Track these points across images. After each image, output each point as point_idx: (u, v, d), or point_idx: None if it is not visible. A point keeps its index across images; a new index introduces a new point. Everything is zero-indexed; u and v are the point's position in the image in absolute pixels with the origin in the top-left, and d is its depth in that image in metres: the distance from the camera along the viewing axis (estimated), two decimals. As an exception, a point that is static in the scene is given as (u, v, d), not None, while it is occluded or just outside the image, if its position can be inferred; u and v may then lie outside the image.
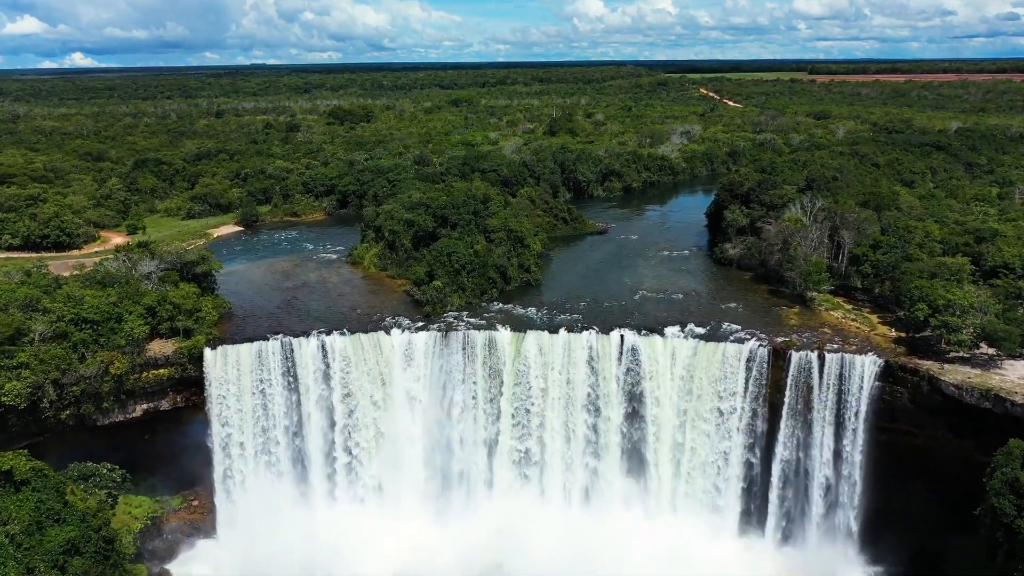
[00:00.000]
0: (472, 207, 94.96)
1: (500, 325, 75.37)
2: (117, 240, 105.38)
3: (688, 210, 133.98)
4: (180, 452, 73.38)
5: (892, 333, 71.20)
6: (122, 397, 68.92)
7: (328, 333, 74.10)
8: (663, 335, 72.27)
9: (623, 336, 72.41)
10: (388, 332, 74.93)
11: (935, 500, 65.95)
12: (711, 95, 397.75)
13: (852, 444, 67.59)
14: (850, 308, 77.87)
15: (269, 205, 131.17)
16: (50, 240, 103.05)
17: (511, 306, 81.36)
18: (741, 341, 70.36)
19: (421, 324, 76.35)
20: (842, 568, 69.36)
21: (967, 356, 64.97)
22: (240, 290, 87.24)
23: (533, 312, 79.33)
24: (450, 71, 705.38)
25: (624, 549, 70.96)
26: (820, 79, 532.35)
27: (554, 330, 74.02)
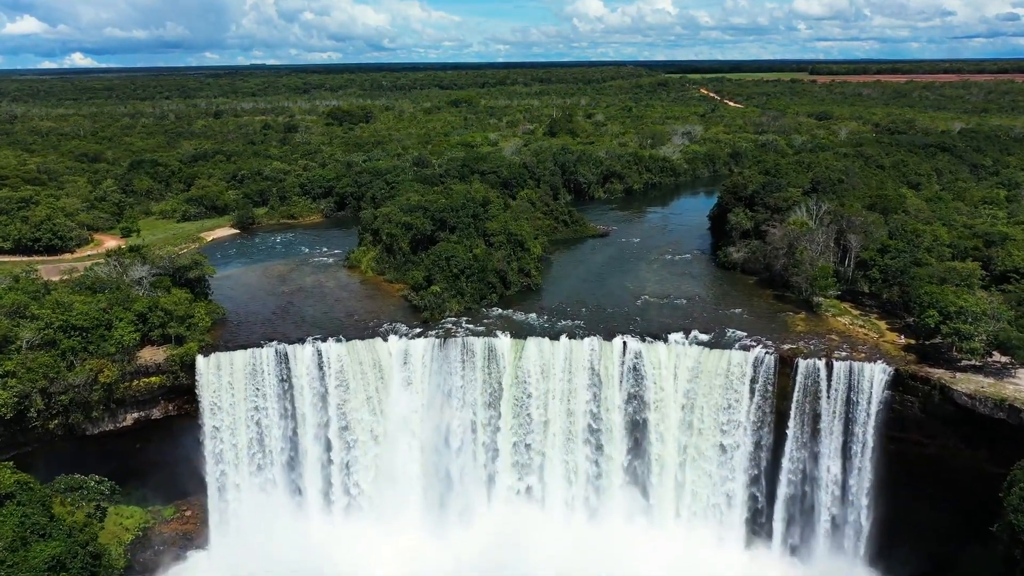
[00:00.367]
0: (471, 210, 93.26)
1: (500, 332, 73.71)
2: (111, 243, 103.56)
3: (690, 212, 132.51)
4: (172, 461, 71.61)
5: (901, 340, 69.52)
6: (112, 406, 67.52)
7: (324, 340, 72.41)
8: (667, 342, 70.65)
9: (626, 343, 70.76)
10: (385, 339, 73.29)
11: (946, 511, 64.61)
12: (712, 95, 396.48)
13: (861, 453, 66.08)
14: (857, 314, 76.19)
15: (266, 207, 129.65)
16: (42, 243, 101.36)
17: (511, 311, 79.66)
18: (747, 348, 68.75)
19: (419, 330, 74.71)
20: (851, 580, 67.81)
21: (979, 364, 63.34)
22: (235, 295, 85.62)
23: (533, 318, 77.66)
24: (450, 71, 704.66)
25: (628, 559, 69.61)
26: (821, 79, 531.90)
27: (555, 337, 72.37)
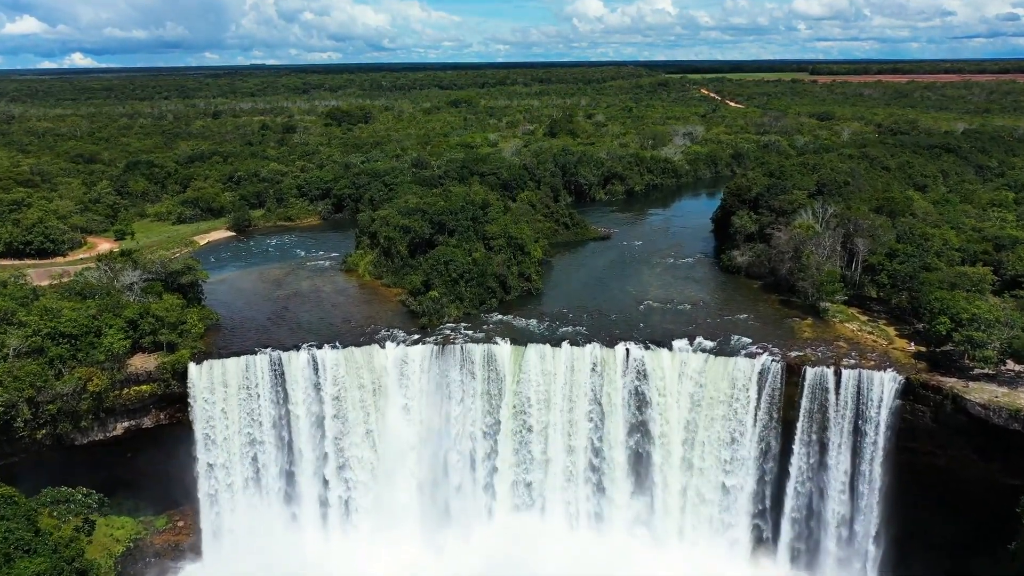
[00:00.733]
0: (471, 213, 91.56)
1: (500, 338, 72.01)
2: (104, 246, 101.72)
3: (692, 214, 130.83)
4: (164, 471, 70.08)
5: (911, 347, 67.82)
6: (102, 415, 65.99)
7: (320, 347, 70.74)
8: (671, 349, 68.96)
9: (628, 350, 69.07)
10: (383, 346, 71.59)
11: (958, 523, 62.92)
12: (712, 96, 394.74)
13: (870, 464, 64.45)
14: (865, 320, 74.49)
15: (262, 209, 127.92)
16: (33, 247, 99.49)
17: (511, 317, 77.99)
18: (753, 356, 67.05)
19: (417, 337, 72.99)
20: (859, 593, 66.25)
21: (992, 373, 61.70)
22: (229, 300, 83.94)
23: (534, 324, 75.98)
24: (449, 71, 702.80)
25: (631, 569, 68.39)
26: (821, 80, 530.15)
27: (556, 343, 70.68)
